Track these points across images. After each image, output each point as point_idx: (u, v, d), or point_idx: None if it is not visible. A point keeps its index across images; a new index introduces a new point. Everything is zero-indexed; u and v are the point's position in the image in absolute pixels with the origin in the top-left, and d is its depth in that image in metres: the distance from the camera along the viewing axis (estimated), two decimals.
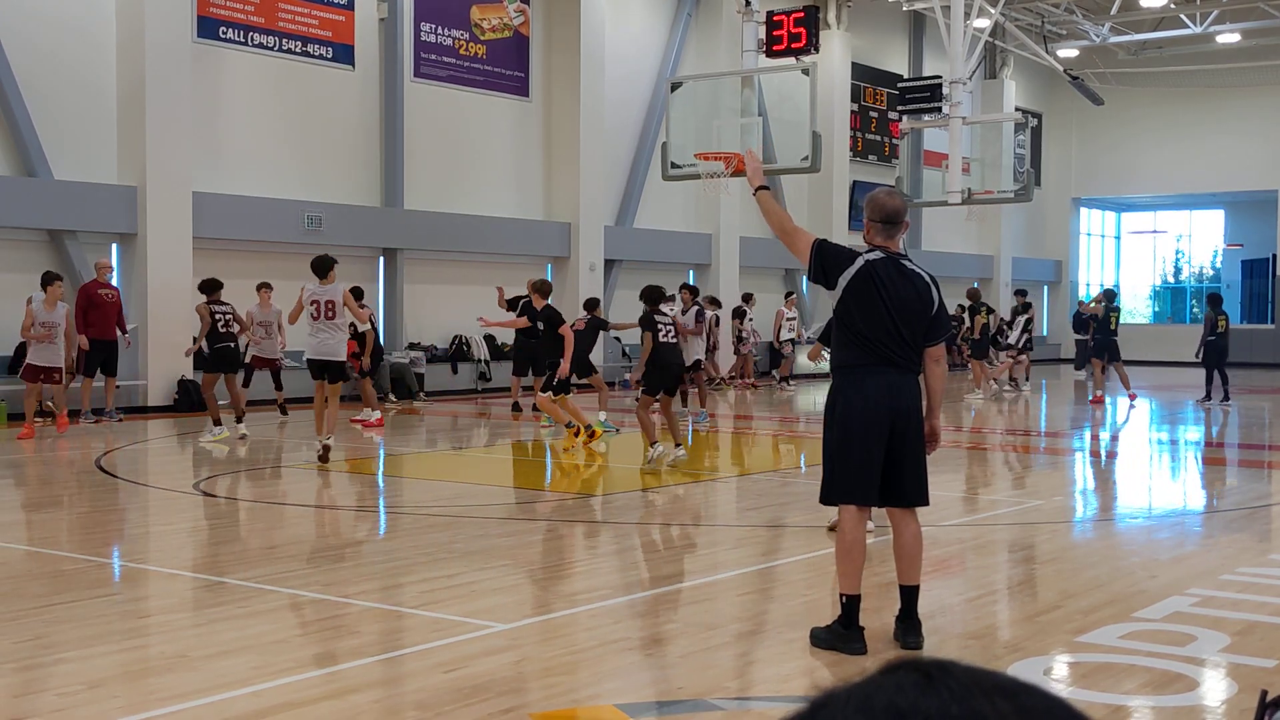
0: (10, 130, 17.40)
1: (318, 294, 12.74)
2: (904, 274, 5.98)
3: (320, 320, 12.73)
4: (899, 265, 5.99)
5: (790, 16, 16.80)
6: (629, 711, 5.09)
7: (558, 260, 24.52)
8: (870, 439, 5.87)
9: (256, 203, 19.73)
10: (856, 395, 5.91)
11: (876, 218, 6.09)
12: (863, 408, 5.88)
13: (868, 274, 5.90)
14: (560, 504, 11.20)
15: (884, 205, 6.10)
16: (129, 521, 10.07)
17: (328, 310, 12.71)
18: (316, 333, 12.80)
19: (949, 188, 22.29)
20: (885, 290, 5.87)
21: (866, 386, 5.89)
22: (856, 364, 5.94)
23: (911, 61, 33.98)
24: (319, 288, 12.77)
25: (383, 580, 7.62)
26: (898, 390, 5.91)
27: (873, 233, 6.12)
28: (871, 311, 5.88)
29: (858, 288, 5.90)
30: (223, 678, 5.45)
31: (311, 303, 12.73)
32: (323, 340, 12.80)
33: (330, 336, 12.82)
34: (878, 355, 5.89)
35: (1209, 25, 32.20)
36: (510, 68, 23.92)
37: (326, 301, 12.72)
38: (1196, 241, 43.10)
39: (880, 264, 5.94)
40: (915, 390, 6.02)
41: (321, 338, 12.79)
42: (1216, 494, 12.22)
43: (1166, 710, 5.21)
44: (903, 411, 5.92)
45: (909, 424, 5.94)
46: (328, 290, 12.76)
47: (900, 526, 6.09)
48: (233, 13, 19.71)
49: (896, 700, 0.83)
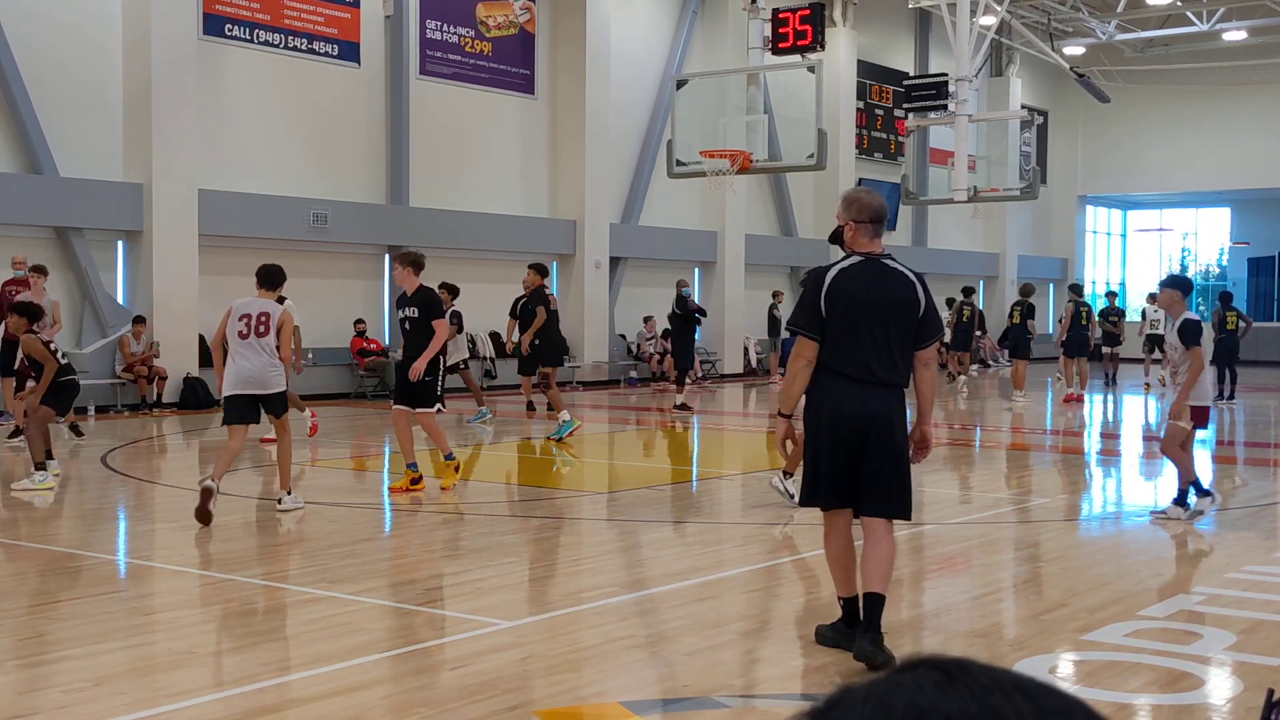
0: (16, 127, 17.42)
1: (249, 308, 9.95)
2: (887, 274, 5.72)
3: (251, 338, 9.83)
4: (881, 266, 5.73)
5: (796, 14, 16.79)
6: (634, 709, 5.09)
7: (563, 258, 24.52)
8: (837, 446, 5.67)
9: (262, 200, 19.75)
10: (828, 400, 5.70)
11: (864, 218, 5.77)
12: (831, 414, 5.67)
13: (839, 283, 5.65)
14: (566, 501, 11.20)
15: (870, 204, 5.81)
16: (134, 518, 10.08)
17: (260, 326, 9.86)
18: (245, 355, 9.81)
19: (954, 185, 22.29)
20: (862, 296, 5.62)
21: (837, 392, 5.67)
22: (830, 369, 5.68)
23: (917, 59, 33.95)
24: (255, 301, 10.04)
25: (389, 577, 7.63)
26: (868, 398, 5.64)
27: (858, 235, 5.77)
28: (843, 320, 5.62)
29: (831, 298, 5.65)
30: (229, 674, 5.45)
31: (241, 318, 9.88)
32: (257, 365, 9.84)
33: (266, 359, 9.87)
34: (852, 363, 5.64)
35: (1215, 23, 32.14)
36: (516, 65, 23.92)
37: (261, 315, 9.90)
38: (1202, 239, 43.04)
39: (855, 269, 5.71)
40: (889, 398, 5.69)
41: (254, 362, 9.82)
42: (1222, 492, 12.19)
43: (1172, 709, 5.21)
44: (873, 419, 5.63)
45: (881, 432, 5.65)
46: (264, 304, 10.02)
47: (872, 538, 5.76)
48: (239, 10, 19.71)
49: (916, 699, 0.83)
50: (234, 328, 9.83)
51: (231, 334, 9.84)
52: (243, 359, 9.76)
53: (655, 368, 25.22)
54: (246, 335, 9.81)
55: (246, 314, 9.87)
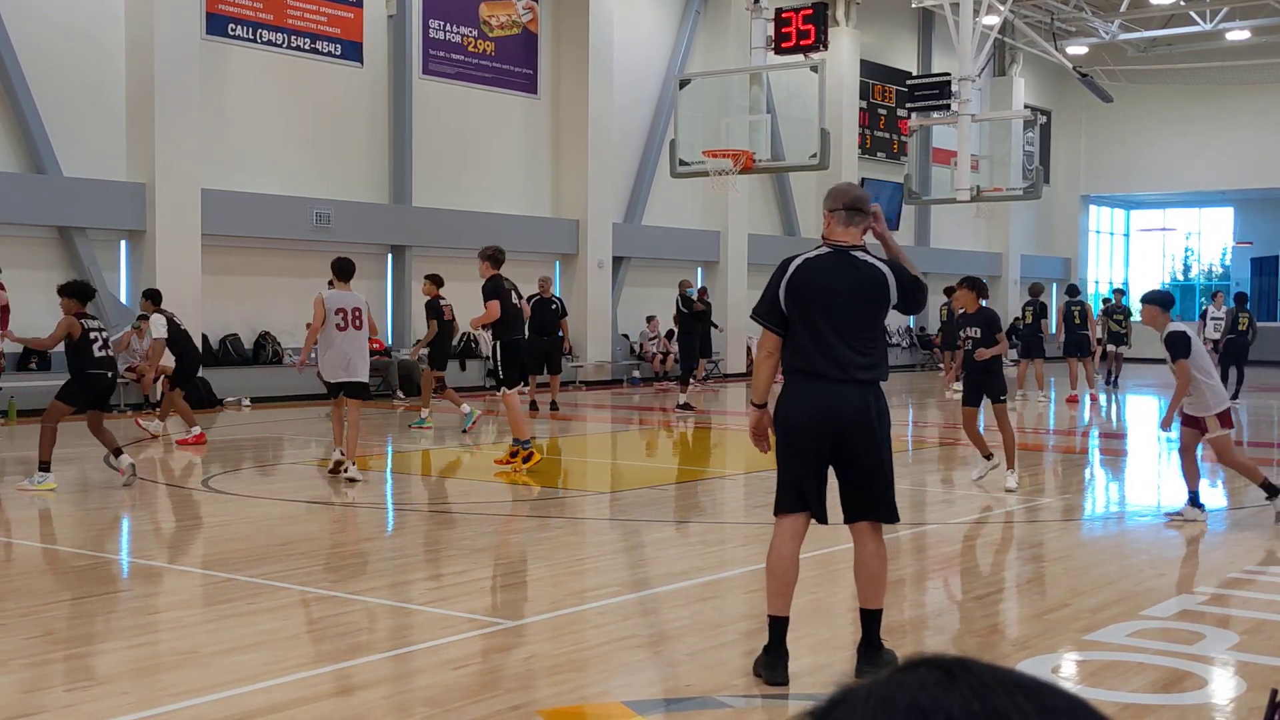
0: (19, 127, 17.43)
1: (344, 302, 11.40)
2: (855, 266, 5.45)
3: (349, 330, 11.35)
4: (850, 258, 5.46)
5: (799, 13, 16.79)
6: (637, 709, 5.09)
7: (566, 257, 24.52)
8: (807, 450, 5.39)
9: (265, 200, 19.76)
10: (795, 400, 5.45)
11: (839, 205, 5.53)
12: (799, 416, 5.41)
13: (803, 275, 5.45)
14: (568, 500, 11.20)
15: (845, 192, 5.61)
16: (138, 518, 10.08)
17: (355, 319, 11.43)
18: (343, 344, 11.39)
19: (958, 185, 22.25)
20: (827, 288, 5.40)
21: (805, 392, 5.42)
22: (797, 368, 5.48)
23: (920, 59, 33.94)
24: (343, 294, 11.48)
25: (391, 577, 7.63)
26: (839, 397, 5.37)
27: (833, 224, 5.54)
28: (809, 315, 5.41)
29: (793, 291, 5.44)
30: (233, 674, 5.46)
31: (337, 311, 11.36)
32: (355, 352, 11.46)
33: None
34: (820, 360, 5.39)
35: (1218, 22, 32.13)
36: (519, 65, 23.93)
37: (355, 309, 11.46)
38: (1206, 239, 43.02)
39: (822, 260, 5.47)
40: (864, 395, 5.41)
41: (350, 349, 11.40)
42: (1228, 491, 12.18)
43: (1175, 709, 5.20)
44: (847, 419, 5.36)
45: (858, 432, 5.38)
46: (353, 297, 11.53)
47: (859, 543, 5.52)
48: (241, 10, 19.73)
49: (919, 697, 0.83)
50: (332, 320, 11.20)
51: (330, 326, 11.23)
52: (343, 347, 11.28)
53: (658, 367, 25.23)
54: (345, 327, 11.26)
55: (342, 308, 11.29)
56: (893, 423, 5.73)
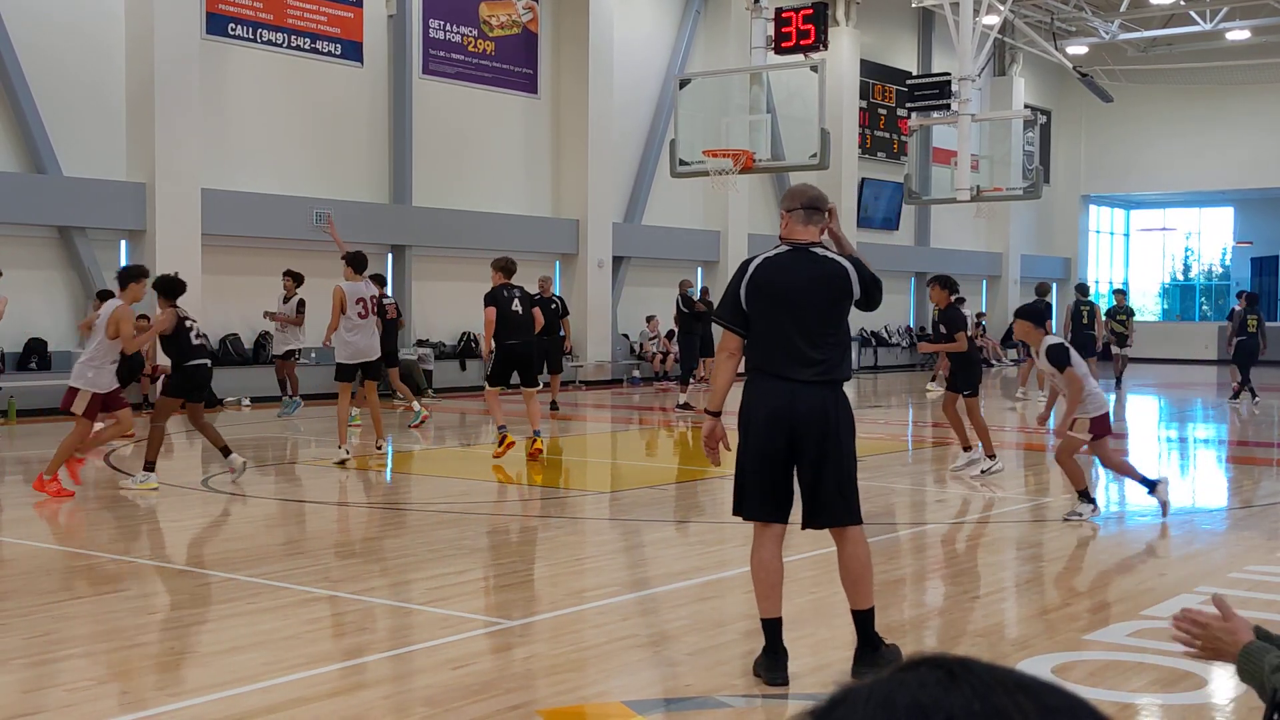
0: (19, 127, 17.43)
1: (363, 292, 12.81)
2: (816, 263, 5.41)
3: (370, 317, 12.83)
4: (810, 256, 5.42)
5: (799, 13, 16.79)
6: (637, 708, 5.09)
7: (566, 257, 24.53)
8: (765, 452, 5.34)
9: (265, 199, 19.76)
10: (755, 401, 5.41)
11: (798, 204, 5.49)
12: (757, 417, 5.38)
13: (763, 274, 5.42)
14: (568, 500, 11.20)
15: (804, 191, 5.56)
16: (138, 518, 10.08)
17: (375, 307, 12.95)
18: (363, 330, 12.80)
19: (958, 185, 22.25)
20: (787, 287, 5.36)
21: (764, 392, 5.38)
22: (758, 368, 5.43)
23: (920, 58, 33.93)
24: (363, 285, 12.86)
25: (392, 577, 7.63)
26: (796, 397, 5.31)
27: (791, 223, 5.50)
28: (769, 314, 5.37)
29: (751, 292, 5.41)
30: (232, 674, 5.45)
31: (357, 300, 12.70)
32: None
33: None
34: (779, 360, 5.35)
35: (1218, 22, 32.13)
36: (519, 64, 23.93)
37: (372, 298, 12.91)
38: (1206, 239, 43.02)
39: (781, 258, 5.44)
40: (824, 396, 5.35)
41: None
42: (1229, 491, 12.19)
43: (1175, 708, 5.20)
44: (804, 420, 5.30)
45: (814, 434, 5.31)
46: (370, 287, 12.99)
47: (839, 546, 5.50)
48: (241, 9, 19.73)
49: (919, 697, 0.83)
50: (354, 309, 12.42)
51: (351, 314, 12.47)
52: (362, 334, 12.58)
53: (658, 367, 25.24)
54: (366, 315, 12.60)
55: (361, 297, 12.57)
56: (892, 423, 5.72)
